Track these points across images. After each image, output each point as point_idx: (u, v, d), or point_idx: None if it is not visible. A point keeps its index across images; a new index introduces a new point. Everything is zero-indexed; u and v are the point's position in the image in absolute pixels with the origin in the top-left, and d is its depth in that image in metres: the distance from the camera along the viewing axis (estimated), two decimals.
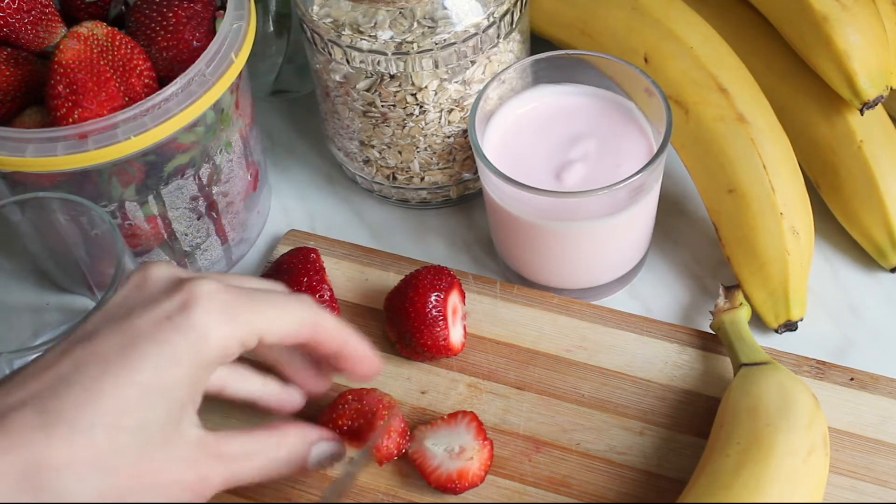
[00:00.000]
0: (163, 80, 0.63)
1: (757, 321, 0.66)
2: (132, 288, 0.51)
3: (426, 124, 0.68)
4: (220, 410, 0.61)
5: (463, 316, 0.66)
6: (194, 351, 0.49)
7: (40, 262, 0.70)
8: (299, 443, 0.54)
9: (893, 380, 0.63)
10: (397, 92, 0.66)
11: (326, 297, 0.65)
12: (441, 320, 0.63)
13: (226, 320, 0.50)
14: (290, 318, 0.52)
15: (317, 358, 0.57)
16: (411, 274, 0.65)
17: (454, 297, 0.64)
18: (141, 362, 0.47)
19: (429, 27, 0.64)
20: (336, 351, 0.55)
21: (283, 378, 0.58)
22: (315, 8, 0.66)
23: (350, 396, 0.61)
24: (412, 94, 0.66)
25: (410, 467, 0.60)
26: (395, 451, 0.60)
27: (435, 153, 0.70)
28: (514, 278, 0.70)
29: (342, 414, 0.60)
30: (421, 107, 0.67)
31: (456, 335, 0.64)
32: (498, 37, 0.66)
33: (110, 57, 0.60)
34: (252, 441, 0.53)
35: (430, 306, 0.63)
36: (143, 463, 0.47)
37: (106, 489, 0.46)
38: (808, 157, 0.70)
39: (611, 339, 0.65)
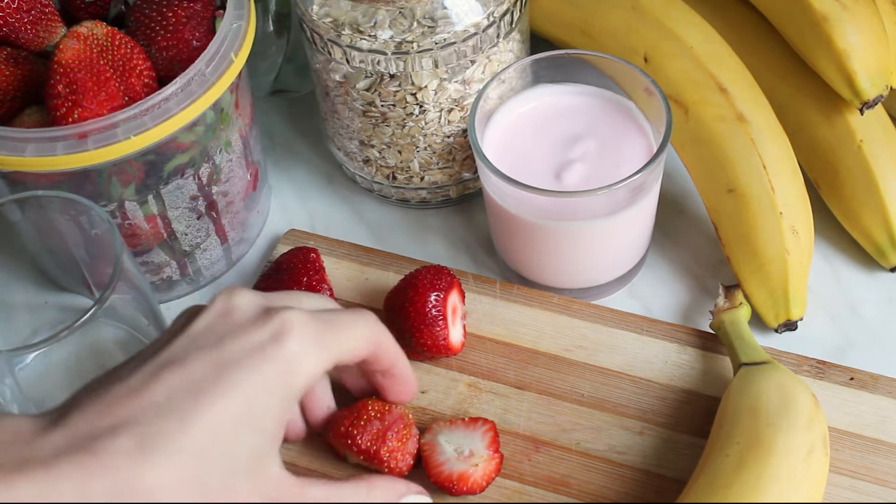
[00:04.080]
0: (163, 80, 0.63)
1: (757, 321, 0.66)
2: (218, 315, 0.51)
3: (426, 124, 0.68)
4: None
5: (463, 315, 0.66)
6: (285, 381, 0.50)
7: (40, 262, 0.70)
8: (387, 497, 0.55)
9: (893, 380, 0.63)
10: (397, 91, 0.66)
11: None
12: (441, 320, 0.63)
13: (316, 350, 0.51)
14: (363, 339, 0.54)
15: (365, 372, 0.59)
16: (411, 273, 0.65)
17: (454, 297, 0.64)
18: (233, 391, 0.48)
19: (428, 27, 0.64)
20: (387, 368, 0.57)
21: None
22: (315, 7, 0.66)
23: (371, 411, 0.60)
24: (412, 94, 0.66)
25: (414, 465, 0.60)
26: (406, 470, 0.60)
27: (435, 153, 0.70)
28: (513, 278, 0.70)
29: (364, 430, 0.59)
30: (421, 106, 0.67)
31: (456, 335, 0.64)
32: (498, 36, 0.66)
33: (110, 56, 0.60)
34: (336, 491, 0.53)
35: (430, 306, 0.63)
36: (226, 492, 0.48)
37: None
38: (808, 156, 0.70)
39: (611, 339, 0.65)
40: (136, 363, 0.50)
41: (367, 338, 0.55)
